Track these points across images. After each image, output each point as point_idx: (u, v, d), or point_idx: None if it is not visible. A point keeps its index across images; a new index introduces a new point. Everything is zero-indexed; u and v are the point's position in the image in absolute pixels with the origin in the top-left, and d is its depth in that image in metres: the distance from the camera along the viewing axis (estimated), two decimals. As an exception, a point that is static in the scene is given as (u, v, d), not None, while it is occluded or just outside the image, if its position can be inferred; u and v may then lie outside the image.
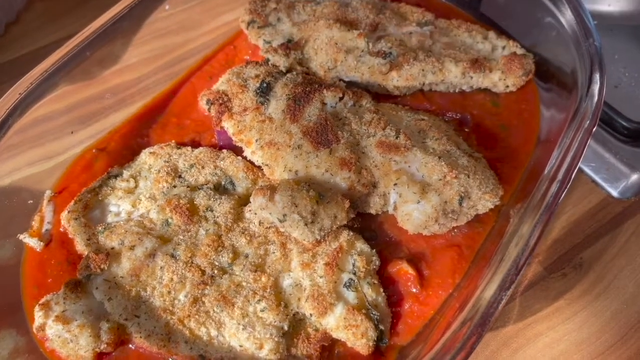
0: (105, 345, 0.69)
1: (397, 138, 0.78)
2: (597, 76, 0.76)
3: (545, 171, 0.70)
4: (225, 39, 1.06)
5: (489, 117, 0.89)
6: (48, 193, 0.83)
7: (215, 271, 0.73)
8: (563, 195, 0.67)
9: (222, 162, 0.83)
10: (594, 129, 0.71)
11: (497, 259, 0.64)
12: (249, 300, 0.70)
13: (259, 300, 0.70)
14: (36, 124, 0.86)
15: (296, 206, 0.71)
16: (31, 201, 0.83)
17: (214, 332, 0.69)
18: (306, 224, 0.71)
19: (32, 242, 0.78)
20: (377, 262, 0.74)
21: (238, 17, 1.05)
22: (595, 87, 0.75)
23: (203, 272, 0.72)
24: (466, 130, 0.88)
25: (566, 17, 0.87)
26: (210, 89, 0.92)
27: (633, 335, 0.77)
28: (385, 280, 0.74)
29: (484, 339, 0.76)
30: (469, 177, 0.74)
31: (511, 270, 0.61)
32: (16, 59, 1.15)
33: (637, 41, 1.10)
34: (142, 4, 0.93)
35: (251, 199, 0.73)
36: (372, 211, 0.78)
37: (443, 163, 0.74)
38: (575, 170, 0.68)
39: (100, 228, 0.77)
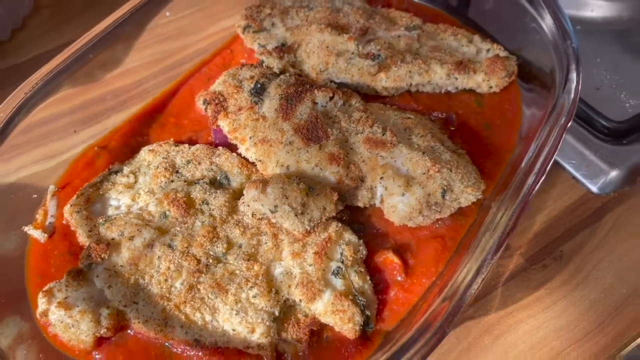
0: (105, 330, 0.73)
1: (383, 135, 0.82)
2: (573, 75, 0.80)
3: (523, 164, 0.74)
4: (223, 43, 1.11)
5: (473, 116, 0.93)
6: (52, 188, 0.87)
7: (210, 260, 0.77)
8: (538, 185, 0.70)
9: (217, 159, 0.87)
10: (570, 124, 0.75)
11: (474, 246, 0.68)
12: (241, 287, 0.74)
13: (252, 287, 0.74)
14: (41, 125, 0.90)
15: (287, 198, 0.75)
16: (35, 196, 0.86)
17: (208, 317, 0.73)
18: (296, 215, 0.75)
19: (36, 234, 0.82)
20: (364, 252, 0.78)
21: (235, 23, 1.09)
22: (572, 85, 0.79)
23: (199, 261, 0.76)
24: (452, 128, 0.92)
25: (547, 22, 0.91)
26: (207, 90, 0.96)
27: (610, 323, 0.80)
28: (372, 269, 0.78)
29: (466, 326, 0.80)
30: (451, 171, 0.78)
31: (487, 255, 0.65)
32: (22, 63, 1.20)
33: (618, 45, 1.14)
34: (143, 9, 0.98)
35: (244, 192, 0.77)
36: (360, 204, 0.82)
37: (427, 158, 0.78)
38: (551, 162, 0.72)
39: (101, 220, 0.81)
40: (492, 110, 0.93)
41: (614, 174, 0.93)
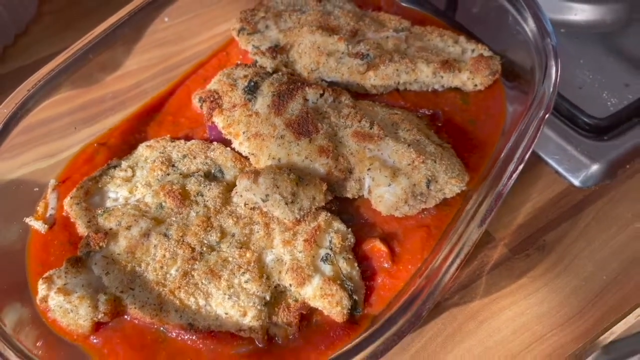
0: (103, 315, 0.75)
1: (371, 129, 0.86)
2: (552, 71, 0.84)
3: (502, 154, 0.77)
4: (219, 47, 1.14)
5: (459, 113, 0.96)
6: (52, 182, 0.91)
7: (204, 248, 0.80)
8: (516, 173, 0.74)
9: (212, 153, 0.90)
10: (547, 116, 0.78)
11: (454, 232, 0.71)
12: (234, 273, 0.77)
13: (244, 273, 0.77)
14: (42, 124, 0.93)
15: (277, 187, 0.78)
16: (37, 189, 0.90)
17: (202, 302, 0.76)
18: (287, 204, 0.78)
19: (37, 225, 0.85)
20: (352, 240, 0.81)
21: (230, 27, 1.13)
22: (550, 81, 0.83)
23: (193, 249, 0.79)
24: (438, 124, 0.95)
25: (528, 23, 0.95)
26: (203, 89, 1.00)
27: (590, 309, 0.83)
28: (360, 257, 0.81)
29: (451, 313, 0.83)
30: (435, 162, 0.82)
31: (464, 239, 0.68)
32: (25, 66, 1.24)
33: (601, 47, 1.18)
34: (141, 13, 1.01)
35: (237, 181, 0.81)
36: (349, 195, 0.85)
37: (412, 150, 0.82)
38: (529, 152, 0.75)
39: (99, 211, 0.84)
40: (476, 107, 0.97)
41: (595, 168, 0.96)
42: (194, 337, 0.75)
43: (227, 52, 1.12)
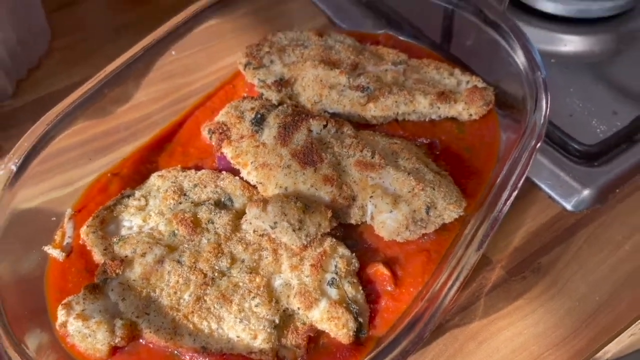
0: (120, 339, 0.79)
1: (372, 158, 0.91)
2: (542, 102, 0.89)
3: (497, 181, 0.82)
4: (225, 79, 1.20)
5: (455, 141, 1.01)
6: (69, 211, 0.95)
7: (216, 274, 0.84)
8: (510, 200, 0.78)
9: (222, 182, 0.95)
10: (539, 145, 0.83)
11: (453, 256, 0.75)
12: (244, 298, 0.81)
13: (254, 297, 0.81)
14: (57, 155, 0.97)
15: (285, 215, 0.82)
16: (54, 219, 0.94)
17: (214, 326, 0.80)
18: (294, 230, 0.82)
19: (55, 253, 0.89)
20: (357, 264, 0.85)
21: (236, 60, 1.18)
22: (541, 112, 0.88)
23: (205, 275, 0.83)
24: (436, 152, 1.00)
25: (519, 56, 1.00)
26: (211, 121, 1.05)
27: (584, 330, 0.87)
28: (364, 280, 0.85)
29: (452, 334, 0.87)
30: (434, 189, 0.86)
31: (463, 263, 0.73)
32: (38, 99, 1.29)
33: (590, 76, 1.24)
34: (154, 48, 1.07)
35: (247, 210, 0.85)
36: (353, 221, 0.89)
37: (412, 178, 0.86)
38: (522, 179, 0.80)
39: (115, 239, 0.88)
40: (472, 136, 1.02)
41: (586, 193, 1.01)
42: (207, 360, 0.79)
43: (234, 84, 1.18)
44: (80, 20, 1.51)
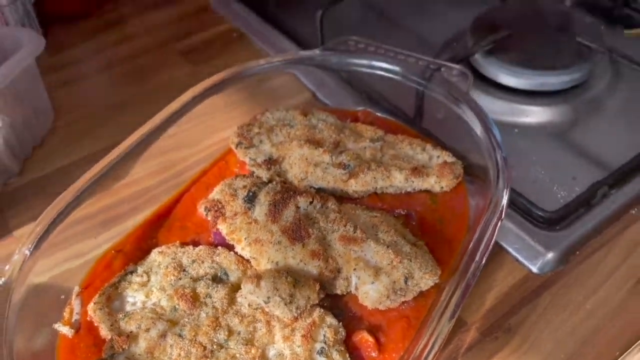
0: (127, 411, 0.86)
1: (355, 232, 1.00)
2: (502, 181, 0.99)
3: (468, 251, 0.92)
4: (219, 154, 1.30)
5: (429, 213, 1.11)
6: (76, 289, 1.02)
7: (215, 346, 0.91)
8: (480, 268, 0.88)
9: (218, 257, 1.03)
10: (501, 223, 0.93)
11: (430, 322, 0.84)
12: (242, 368, 0.89)
13: (250, 367, 0.88)
14: (66, 230, 1.05)
15: (277, 290, 0.91)
16: (63, 296, 1.01)
17: (214, 396, 0.87)
18: (286, 304, 0.91)
19: (64, 330, 0.96)
20: (343, 333, 0.93)
21: (229, 136, 1.29)
22: (501, 192, 0.98)
23: (204, 348, 0.91)
24: (413, 223, 1.11)
25: (482, 135, 1.12)
26: (207, 198, 1.15)
27: (552, 384, 0.95)
28: (350, 347, 0.93)
29: (432, 394, 0.94)
30: (411, 261, 0.96)
31: (440, 328, 0.82)
32: (43, 176, 1.38)
33: (551, 144, 1.36)
34: (151, 136, 1.17)
35: (242, 286, 0.94)
36: (338, 292, 0.98)
37: (390, 251, 0.96)
38: (489, 249, 0.90)
39: (121, 315, 0.96)
40: (444, 207, 1.12)
41: (549, 256, 1.11)
42: None
43: (226, 160, 1.28)
44: (81, 97, 1.61)
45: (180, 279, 1.01)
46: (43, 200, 1.08)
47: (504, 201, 0.97)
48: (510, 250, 1.14)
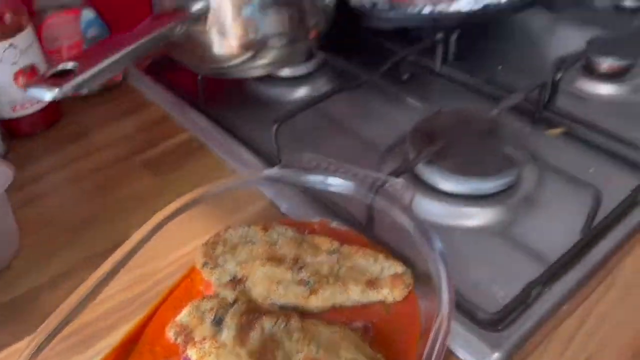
0: None
1: (317, 353, 1.09)
2: (445, 296, 1.10)
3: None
4: (185, 270, 1.37)
5: (384, 324, 1.21)
6: None
7: None
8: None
9: (189, 384, 1.09)
10: (447, 339, 1.04)
11: None
12: None
13: None
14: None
15: (247, 418, 0.97)
16: None
17: None
18: None
19: None
20: None
21: (194, 248, 1.36)
22: (445, 308, 1.09)
23: None
24: (370, 335, 1.20)
25: (425, 248, 1.23)
26: (175, 321, 1.21)
27: None
28: None
29: None
30: (370, 378, 1.05)
31: None
32: (13, 299, 1.39)
33: (491, 244, 1.48)
34: (121, 262, 1.24)
35: (214, 416, 1.00)
36: (305, 411, 1.05)
37: (351, 370, 1.05)
38: (442, 355, 0.99)
39: None
40: (397, 316, 1.22)
41: (495, 356, 1.21)
42: None
43: (192, 278, 1.35)
44: (47, 215, 1.65)
45: (153, 408, 1.06)
46: (12, 326, 1.11)
47: (448, 320, 1.07)
48: (460, 350, 1.24)
